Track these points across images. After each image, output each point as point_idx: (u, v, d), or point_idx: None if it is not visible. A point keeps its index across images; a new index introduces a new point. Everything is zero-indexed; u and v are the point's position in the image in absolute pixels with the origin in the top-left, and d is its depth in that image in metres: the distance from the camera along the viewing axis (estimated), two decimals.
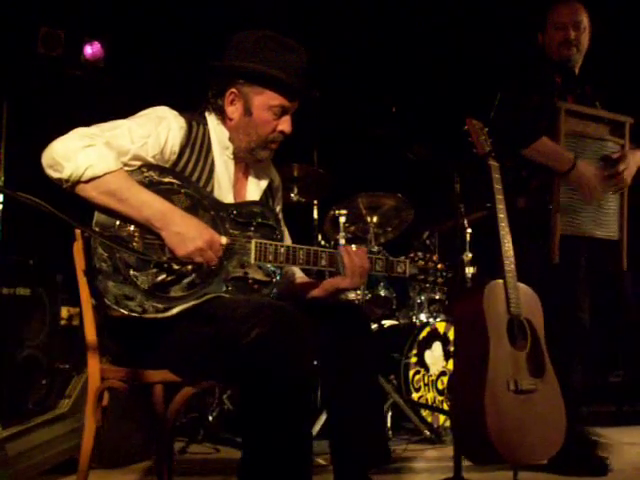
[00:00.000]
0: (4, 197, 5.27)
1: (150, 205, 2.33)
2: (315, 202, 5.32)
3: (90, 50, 6.13)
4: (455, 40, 6.36)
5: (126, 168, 2.38)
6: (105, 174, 2.30)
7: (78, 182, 2.29)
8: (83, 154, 2.27)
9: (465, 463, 3.21)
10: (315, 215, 5.32)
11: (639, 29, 5.92)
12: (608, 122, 3.69)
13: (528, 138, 3.43)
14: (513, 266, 3.28)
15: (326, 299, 2.81)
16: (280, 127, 2.62)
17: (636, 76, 5.79)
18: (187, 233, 2.32)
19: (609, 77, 4.03)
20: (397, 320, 5.29)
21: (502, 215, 3.33)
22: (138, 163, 2.43)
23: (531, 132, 3.38)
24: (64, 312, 4.48)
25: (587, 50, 3.77)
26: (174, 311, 2.36)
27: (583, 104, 3.67)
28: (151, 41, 6.20)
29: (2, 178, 5.47)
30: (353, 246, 4.80)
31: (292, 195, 5.06)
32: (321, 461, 3.63)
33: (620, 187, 3.65)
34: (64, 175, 2.28)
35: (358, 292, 4.90)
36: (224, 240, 2.42)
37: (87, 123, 2.42)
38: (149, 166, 2.44)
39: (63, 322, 4.44)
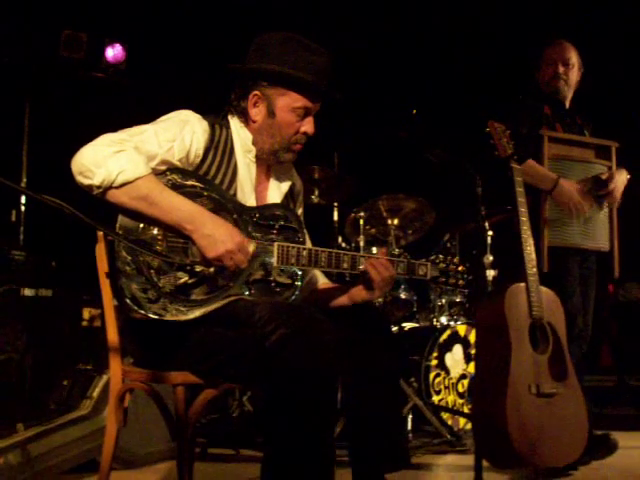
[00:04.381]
0: (26, 199, 5.32)
1: (181, 208, 2.34)
2: (335, 204, 5.32)
3: (112, 52, 6.16)
4: (476, 43, 6.35)
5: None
6: (136, 179, 2.30)
7: (109, 188, 2.29)
8: (114, 160, 2.28)
9: (485, 466, 3.19)
10: (335, 217, 5.32)
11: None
12: (594, 147, 4.00)
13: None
14: (535, 269, 3.28)
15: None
16: (303, 128, 2.63)
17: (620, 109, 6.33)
18: (218, 235, 2.33)
19: (598, 109, 4.48)
20: (418, 322, 5.28)
21: (524, 218, 3.33)
22: (164, 167, 2.43)
23: (518, 157, 3.50)
24: (85, 313, 4.50)
25: (578, 85, 4.12)
26: (196, 313, 2.36)
27: (572, 132, 4.02)
28: (172, 43, 6.22)
29: (24, 180, 5.51)
30: (374, 249, 4.87)
31: (313, 197, 5.07)
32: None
33: (611, 204, 3.95)
34: (95, 181, 2.28)
35: None
36: (252, 247, 2.43)
37: (109, 125, 2.42)
38: (172, 169, 2.45)
39: (84, 323, 4.47)
